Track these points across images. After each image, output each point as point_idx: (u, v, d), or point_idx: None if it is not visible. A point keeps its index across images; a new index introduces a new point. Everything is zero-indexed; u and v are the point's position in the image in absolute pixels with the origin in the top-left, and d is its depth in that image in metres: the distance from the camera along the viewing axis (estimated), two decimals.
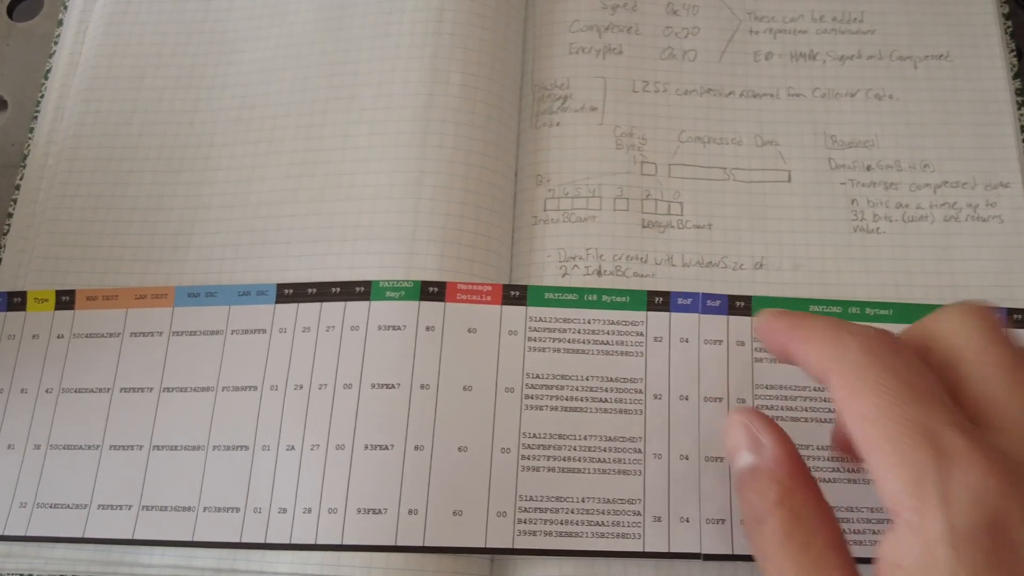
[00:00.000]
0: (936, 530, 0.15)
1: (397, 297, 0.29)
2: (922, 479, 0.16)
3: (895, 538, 0.16)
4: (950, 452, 0.16)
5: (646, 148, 0.33)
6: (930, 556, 0.15)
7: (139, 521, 0.28)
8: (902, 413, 0.17)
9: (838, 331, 0.19)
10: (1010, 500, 0.15)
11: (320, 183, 0.32)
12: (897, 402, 0.17)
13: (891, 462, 0.17)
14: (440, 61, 0.33)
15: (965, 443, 0.16)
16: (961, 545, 0.15)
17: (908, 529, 0.16)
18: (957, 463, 0.16)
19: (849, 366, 0.18)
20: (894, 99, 0.34)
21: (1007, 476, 0.15)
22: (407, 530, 0.26)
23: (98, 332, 0.31)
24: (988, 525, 0.15)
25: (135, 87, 0.36)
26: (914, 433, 0.16)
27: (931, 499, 0.16)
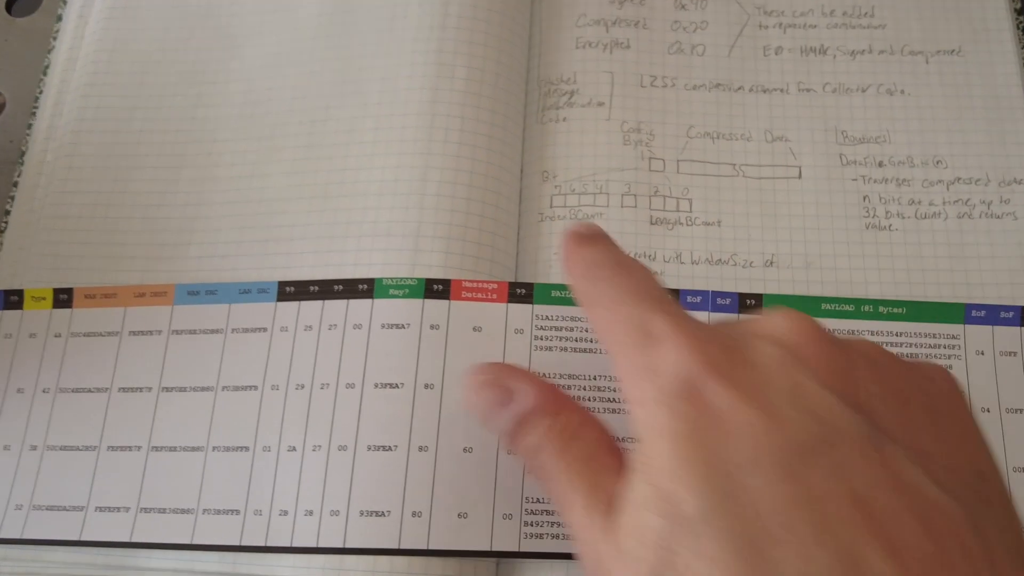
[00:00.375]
0: (650, 398, 0.18)
1: (401, 295, 0.28)
2: (637, 363, 0.19)
3: (631, 418, 0.19)
4: (656, 335, 0.19)
5: (654, 144, 0.32)
6: (649, 421, 0.18)
7: (137, 523, 0.27)
8: (619, 313, 0.20)
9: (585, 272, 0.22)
10: (701, 369, 0.18)
11: (324, 179, 0.31)
12: (616, 306, 0.20)
13: (618, 356, 0.20)
14: (445, 56, 0.32)
15: (667, 327, 0.19)
16: (668, 404, 0.18)
17: (634, 405, 0.19)
18: (660, 345, 0.19)
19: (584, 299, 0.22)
20: (906, 94, 0.33)
21: (697, 351, 0.18)
22: (411, 533, 0.25)
23: (96, 331, 0.30)
24: (688, 392, 0.18)
25: (136, 83, 0.35)
26: (629, 326, 0.19)
27: (644, 377, 0.18)
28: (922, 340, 0.29)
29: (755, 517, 0.16)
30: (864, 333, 0.29)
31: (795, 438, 0.17)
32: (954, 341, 0.29)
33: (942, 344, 0.29)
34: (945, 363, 0.29)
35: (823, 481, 0.16)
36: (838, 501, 0.16)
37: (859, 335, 0.29)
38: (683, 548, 0.16)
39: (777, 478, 0.16)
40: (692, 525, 0.16)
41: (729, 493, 0.16)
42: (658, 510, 0.17)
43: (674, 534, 0.17)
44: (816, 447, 0.17)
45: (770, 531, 0.16)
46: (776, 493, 0.16)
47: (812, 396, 0.17)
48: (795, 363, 0.18)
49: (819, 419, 0.17)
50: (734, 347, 0.18)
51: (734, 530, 0.16)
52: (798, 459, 0.16)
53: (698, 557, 0.16)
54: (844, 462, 0.16)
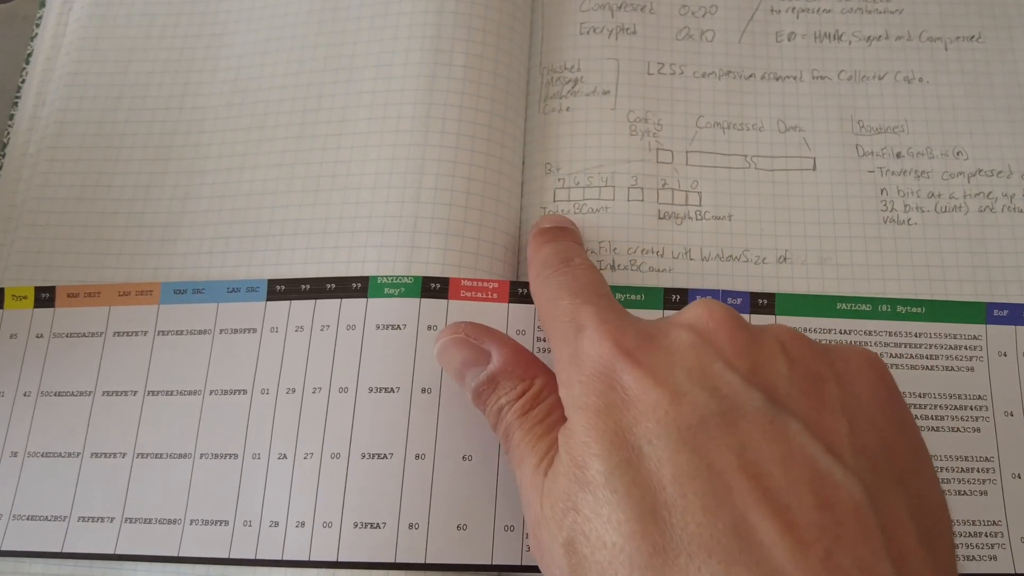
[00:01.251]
0: (573, 378, 0.20)
1: (397, 294, 0.26)
2: (567, 351, 0.21)
3: (562, 401, 0.20)
4: (583, 326, 0.20)
5: (662, 134, 0.30)
6: (572, 399, 0.19)
7: (122, 534, 0.25)
8: (557, 307, 0.22)
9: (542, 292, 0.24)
10: (613, 352, 0.19)
11: (316, 172, 0.29)
12: (556, 300, 0.22)
13: (554, 346, 0.22)
14: (443, 42, 0.30)
15: (591, 319, 0.20)
16: (585, 383, 0.19)
17: (562, 387, 0.20)
18: (584, 333, 0.20)
19: (535, 298, 0.25)
20: (924, 82, 0.31)
21: (612, 337, 0.19)
22: (407, 546, 0.24)
23: (79, 331, 0.28)
24: (602, 372, 0.19)
25: (121, 71, 0.33)
26: (564, 318, 0.21)
27: (572, 362, 0.20)
28: (941, 341, 0.27)
29: (654, 485, 0.17)
30: (882, 334, 0.27)
31: (695, 413, 0.17)
32: (975, 342, 0.27)
33: (963, 345, 0.27)
34: (966, 365, 0.27)
35: (720, 453, 0.17)
36: (733, 472, 0.17)
37: (876, 336, 0.27)
38: (588, 511, 0.17)
39: (675, 449, 0.17)
40: (595, 489, 0.17)
41: (631, 461, 0.17)
42: (570, 476, 0.18)
43: (580, 498, 0.18)
44: (715, 421, 0.17)
45: (667, 499, 0.17)
46: (674, 463, 0.17)
47: (716, 375, 0.18)
48: (704, 346, 0.19)
49: (720, 396, 0.18)
50: (650, 335, 0.20)
51: (633, 495, 0.17)
52: (697, 432, 0.17)
53: (601, 519, 0.17)
54: (742, 436, 0.17)
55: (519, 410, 0.22)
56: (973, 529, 0.25)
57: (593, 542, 0.17)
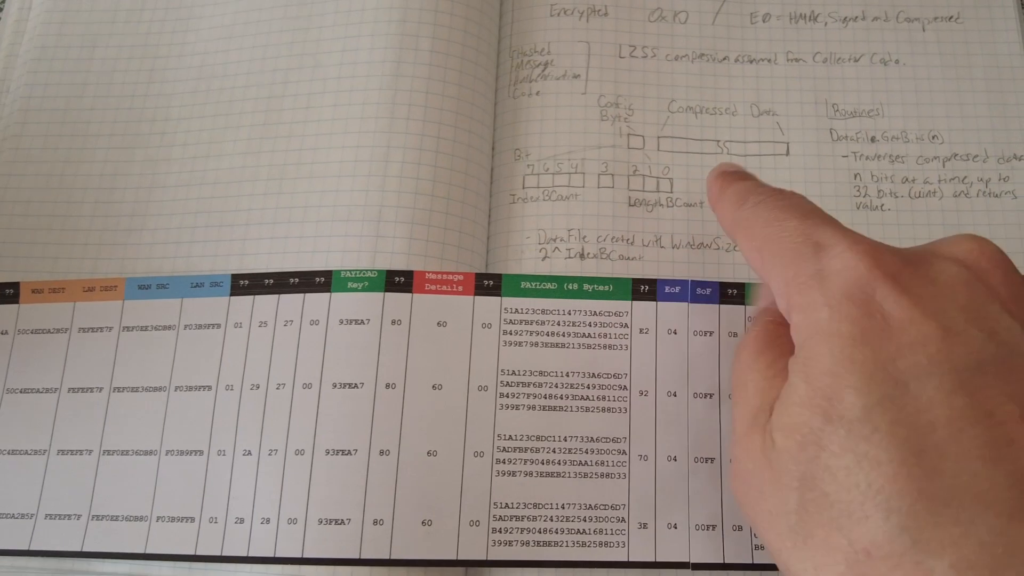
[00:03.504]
0: (816, 300, 0.17)
1: (360, 288, 0.25)
2: (804, 270, 0.17)
3: (793, 327, 0.18)
4: (824, 244, 0.17)
5: (633, 119, 0.29)
6: (814, 323, 0.17)
7: (89, 531, 0.24)
8: (783, 228, 0.19)
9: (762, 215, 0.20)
10: (873, 274, 0.16)
11: (281, 160, 0.28)
12: (779, 221, 0.19)
13: (781, 267, 0.18)
14: (409, 25, 0.28)
15: (837, 236, 0.18)
16: (836, 307, 0.16)
17: (797, 312, 0.17)
18: (829, 251, 0.17)
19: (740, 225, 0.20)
20: (901, 64, 0.30)
21: (870, 257, 0.17)
22: (372, 542, 0.23)
23: (44, 328, 0.27)
24: (858, 295, 0.16)
25: (86, 57, 0.31)
26: (795, 237, 0.18)
27: (811, 283, 0.17)
28: None
29: (922, 425, 0.15)
30: None
31: (972, 354, 0.15)
32: None
33: None
34: None
35: (999, 401, 0.15)
36: (1015, 423, 0.15)
37: None
38: (837, 447, 0.15)
39: (949, 389, 0.15)
40: (849, 425, 0.15)
41: (894, 398, 0.15)
42: (812, 408, 0.16)
43: (827, 432, 0.15)
44: (994, 367, 0.15)
45: (938, 442, 0.15)
46: (947, 405, 0.15)
47: (993, 317, 0.16)
48: (978, 284, 0.17)
49: (999, 340, 0.16)
50: (914, 261, 0.17)
51: (897, 435, 0.15)
52: (974, 375, 0.15)
53: (854, 457, 0.15)
54: (1022, 386, 0.15)
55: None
56: None
57: (841, 481, 0.15)
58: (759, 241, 0.19)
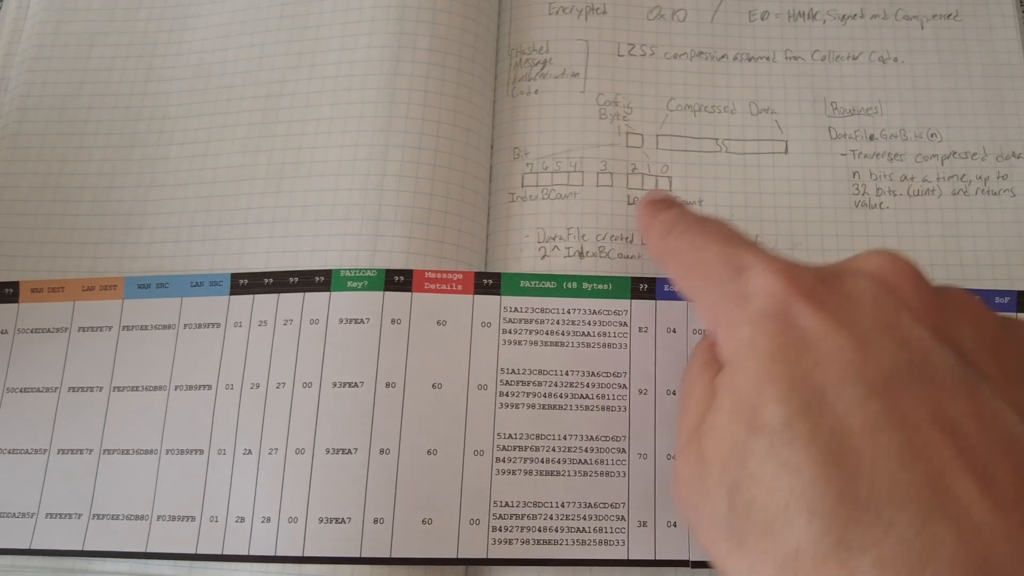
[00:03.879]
0: (738, 319, 0.18)
1: (360, 287, 0.25)
2: (726, 292, 0.18)
3: (718, 346, 0.18)
4: (744, 266, 0.18)
5: (632, 117, 0.29)
6: (737, 341, 0.17)
7: (89, 531, 0.24)
8: (706, 253, 0.20)
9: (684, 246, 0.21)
10: (789, 292, 0.17)
11: (279, 159, 0.28)
12: (703, 248, 0.20)
13: (706, 290, 0.19)
14: (407, 24, 0.28)
15: (755, 258, 0.18)
16: (757, 325, 0.17)
17: (722, 331, 0.18)
18: (749, 273, 0.18)
19: (667, 254, 0.22)
20: (899, 62, 0.29)
21: (786, 276, 0.18)
22: (373, 541, 0.23)
23: (44, 327, 0.27)
24: (776, 312, 0.17)
25: (84, 55, 0.31)
26: (717, 261, 0.19)
27: (733, 303, 0.18)
28: None
29: (840, 431, 0.15)
30: None
31: (886, 364, 0.16)
32: None
33: None
34: None
35: (913, 406, 0.15)
36: (928, 427, 0.15)
37: None
38: (762, 454, 0.16)
39: (864, 397, 0.16)
40: (771, 434, 0.16)
41: (813, 406, 0.16)
42: (736, 419, 0.17)
43: (751, 441, 0.16)
44: (907, 374, 0.16)
45: (856, 446, 0.15)
46: (863, 411, 0.15)
47: (905, 328, 0.17)
48: (889, 297, 0.17)
49: (911, 349, 0.16)
50: (828, 278, 0.18)
51: (816, 442, 0.15)
52: (888, 382, 0.16)
53: (777, 463, 0.16)
54: (936, 392, 0.16)
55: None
56: None
57: (766, 487, 0.16)
58: (684, 268, 0.20)
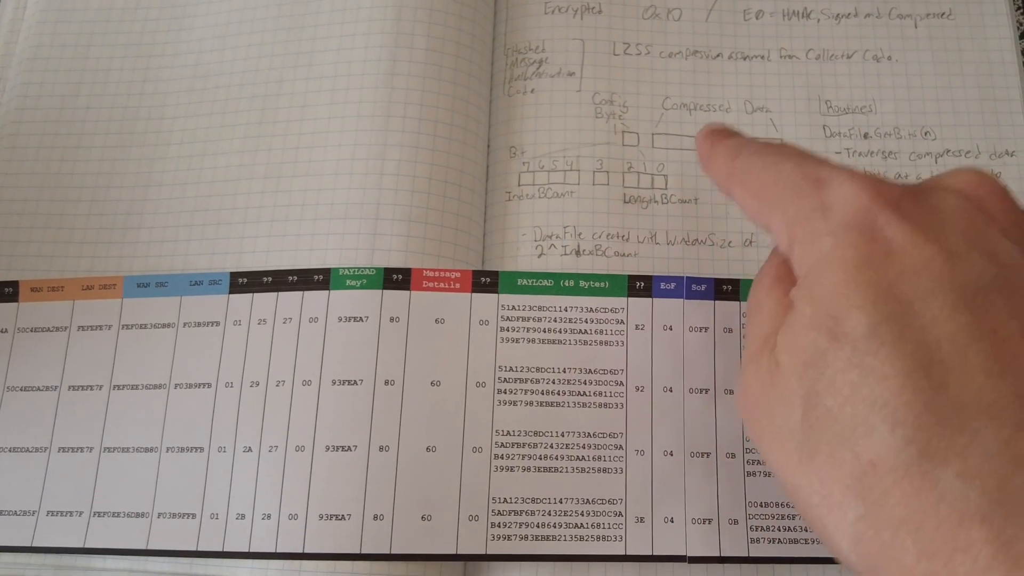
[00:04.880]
0: (820, 230, 0.17)
1: (358, 286, 0.25)
2: (806, 205, 0.17)
3: (796, 260, 0.18)
4: (824, 179, 0.17)
5: (627, 116, 0.29)
6: (818, 251, 0.17)
7: (90, 528, 0.24)
8: (781, 170, 0.18)
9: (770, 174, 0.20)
10: (875, 203, 0.17)
11: (277, 158, 0.28)
12: (776, 165, 0.19)
13: (782, 206, 0.18)
14: (404, 24, 0.28)
15: (836, 171, 0.18)
16: (840, 235, 0.16)
17: (800, 244, 0.17)
18: (830, 184, 0.17)
19: (735, 177, 0.20)
20: (893, 61, 0.30)
21: (872, 188, 0.17)
22: (372, 537, 0.23)
23: (44, 326, 0.27)
24: (861, 222, 0.16)
25: (82, 56, 0.31)
26: (794, 177, 0.18)
27: (814, 215, 0.17)
28: None
29: (928, 341, 0.15)
30: None
31: (973, 276, 0.16)
32: None
33: None
34: None
35: (1003, 320, 0.15)
36: (1019, 340, 0.15)
37: None
38: (843, 363, 0.15)
39: (953, 308, 0.15)
40: (855, 341, 0.15)
41: (900, 316, 0.15)
42: (817, 328, 0.16)
43: (832, 350, 0.16)
44: (996, 287, 0.16)
45: (944, 357, 0.15)
46: (952, 322, 0.15)
47: (993, 241, 0.16)
48: (977, 212, 0.17)
49: (999, 262, 0.16)
50: (915, 192, 0.17)
51: (903, 350, 0.15)
52: (976, 295, 0.15)
53: (859, 372, 0.15)
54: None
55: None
56: None
57: (846, 396, 0.15)
58: (756, 187, 0.19)
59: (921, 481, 0.14)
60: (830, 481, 0.15)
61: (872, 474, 0.15)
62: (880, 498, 0.15)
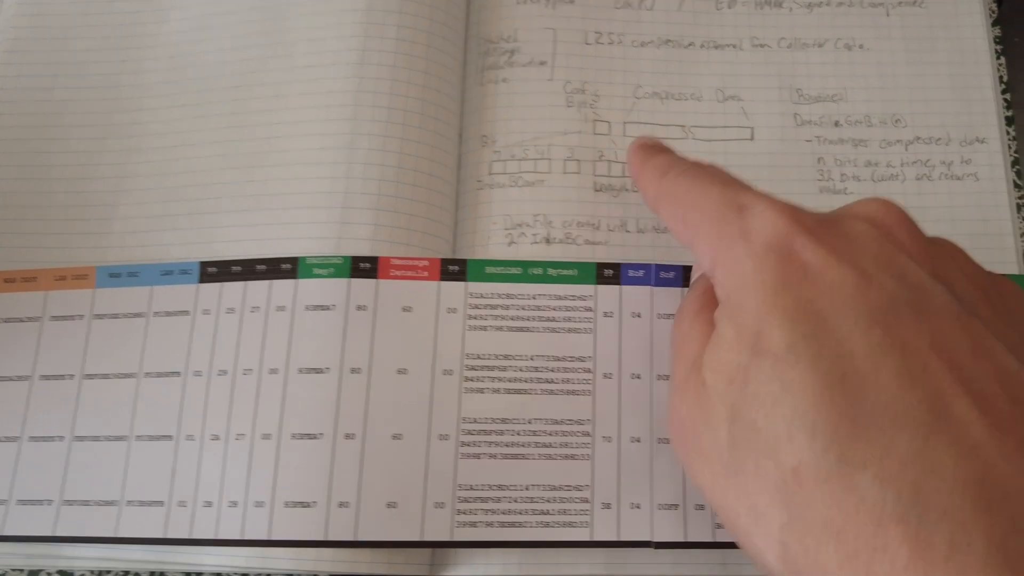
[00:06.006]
0: (741, 254, 0.18)
1: (326, 274, 0.25)
2: (728, 231, 0.18)
3: (717, 283, 0.18)
4: (746, 205, 0.18)
5: (599, 105, 0.29)
6: (739, 275, 0.18)
7: (60, 517, 0.24)
8: (707, 194, 0.19)
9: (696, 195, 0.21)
10: (792, 229, 0.17)
11: (249, 148, 0.28)
12: (702, 188, 0.20)
13: (706, 230, 0.19)
14: (375, 14, 0.28)
15: (758, 198, 0.19)
16: (760, 259, 0.17)
17: (722, 268, 0.18)
18: (752, 211, 0.18)
19: (663, 195, 0.21)
20: (865, 49, 0.29)
21: (789, 215, 0.18)
22: (338, 524, 0.23)
23: (17, 316, 0.27)
24: (779, 246, 0.17)
25: (59, 48, 0.31)
26: (719, 202, 0.19)
27: (735, 241, 0.18)
28: None
29: (842, 355, 0.16)
30: None
31: (885, 295, 0.16)
32: None
33: None
34: None
35: (912, 334, 0.16)
36: (927, 353, 0.16)
37: None
38: (765, 377, 0.16)
39: (866, 325, 0.16)
40: (775, 356, 0.16)
41: (816, 332, 0.16)
42: (740, 346, 0.17)
43: (754, 365, 0.16)
44: (905, 305, 0.16)
45: (858, 369, 0.15)
46: (865, 337, 0.16)
47: (902, 265, 0.17)
48: (886, 239, 0.18)
49: (909, 284, 0.17)
50: (827, 220, 0.18)
51: (820, 364, 0.16)
52: (888, 312, 0.16)
53: (781, 385, 0.16)
54: (932, 324, 0.16)
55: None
56: None
57: (768, 407, 0.16)
58: (683, 208, 0.20)
59: (841, 485, 0.15)
60: (755, 492, 0.16)
61: (794, 481, 0.15)
62: (804, 504, 0.15)
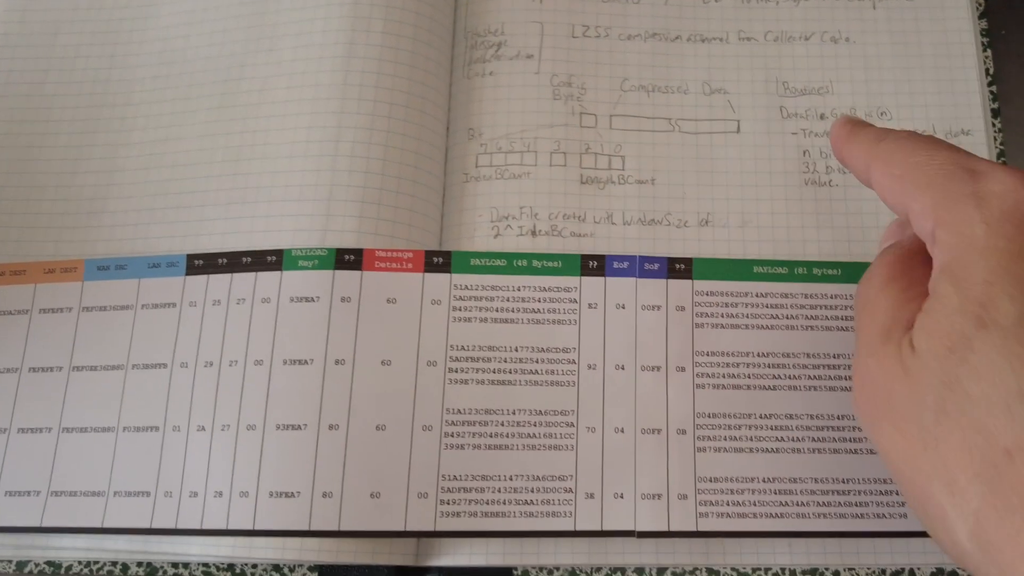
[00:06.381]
0: (973, 218, 0.17)
1: (310, 266, 0.25)
2: (958, 191, 0.17)
3: (938, 244, 0.17)
4: (980, 170, 0.17)
5: (586, 98, 0.29)
6: (968, 239, 0.16)
7: (48, 507, 0.24)
8: (933, 156, 0.18)
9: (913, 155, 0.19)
10: None
11: (236, 142, 0.28)
12: (928, 151, 0.18)
13: (930, 190, 0.18)
14: (362, 8, 0.28)
15: (993, 165, 0.17)
16: (994, 225, 0.16)
17: (947, 229, 0.17)
18: (987, 176, 0.17)
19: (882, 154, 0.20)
20: (851, 42, 0.29)
21: None
22: (321, 514, 0.23)
23: (6, 309, 0.27)
24: (1016, 215, 0.16)
25: (49, 44, 0.31)
26: (947, 164, 0.18)
27: (967, 202, 0.17)
28: None
29: None
30: (798, 296, 0.26)
31: None
32: None
33: None
34: None
35: None
36: None
37: (793, 298, 0.26)
38: (989, 350, 0.15)
39: None
40: (1004, 330, 0.15)
41: None
42: (964, 315, 0.16)
43: (979, 336, 0.16)
44: None
45: None
46: None
47: None
48: None
49: None
50: None
51: None
52: None
53: (1008, 359, 0.15)
54: None
55: None
56: (862, 487, 0.24)
57: (988, 381, 0.15)
58: (902, 169, 0.19)
59: None
60: (957, 466, 0.15)
61: (1005, 460, 0.15)
62: (1012, 484, 0.14)
